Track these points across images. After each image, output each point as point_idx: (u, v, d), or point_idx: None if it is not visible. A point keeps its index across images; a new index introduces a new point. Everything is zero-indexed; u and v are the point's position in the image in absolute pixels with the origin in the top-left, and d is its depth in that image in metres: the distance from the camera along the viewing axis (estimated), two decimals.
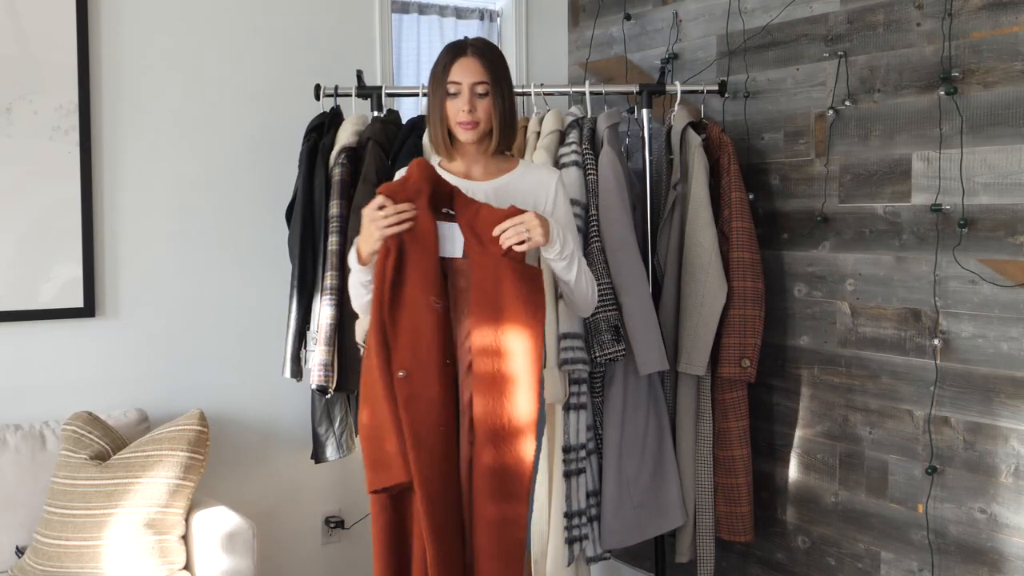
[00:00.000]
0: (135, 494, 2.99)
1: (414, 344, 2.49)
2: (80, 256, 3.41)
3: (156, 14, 3.53)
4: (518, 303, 2.49)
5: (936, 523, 3.05)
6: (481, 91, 2.59)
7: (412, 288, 2.51)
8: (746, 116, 3.57)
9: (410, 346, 2.49)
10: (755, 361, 3.34)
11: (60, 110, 3.36)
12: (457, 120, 2.60)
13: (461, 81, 2.59)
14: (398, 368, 2.48)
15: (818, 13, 3.32)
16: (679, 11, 3.82)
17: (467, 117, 2.59)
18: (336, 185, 3.29)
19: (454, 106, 2.60)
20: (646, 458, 3.42)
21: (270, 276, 3.68)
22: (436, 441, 2.49)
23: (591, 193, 3.32)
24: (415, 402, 2.48)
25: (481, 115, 2.60)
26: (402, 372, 2.48)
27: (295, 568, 3.81)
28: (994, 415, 2.89)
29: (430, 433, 2.48)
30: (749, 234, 3.36)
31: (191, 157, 3.60)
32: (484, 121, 2.61)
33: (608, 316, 3.26)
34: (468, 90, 2.59)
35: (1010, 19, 2.81)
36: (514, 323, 2.48)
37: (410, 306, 2.50)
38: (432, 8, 4.17)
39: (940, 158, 2.99)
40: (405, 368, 2.48)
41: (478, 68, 2.60)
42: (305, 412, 3.64)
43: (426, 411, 2.48)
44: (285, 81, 3.72)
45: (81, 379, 3.44)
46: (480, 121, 2.60)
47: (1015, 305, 2.83)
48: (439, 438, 2.50)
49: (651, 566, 3.89)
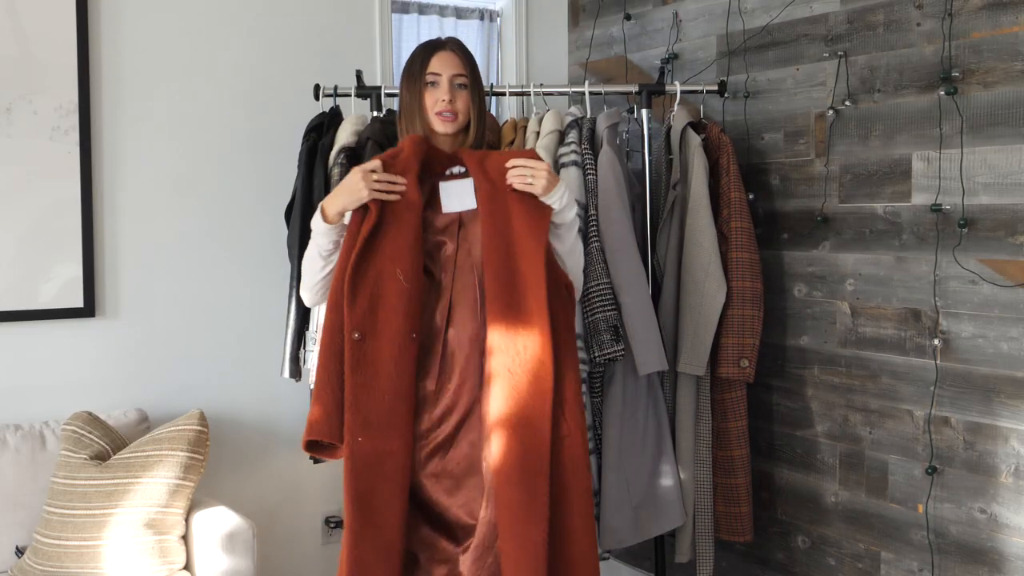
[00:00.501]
0: (135, 494, 2.99)
1: (372, 308, 2.49)
2: (80, 256, 3.41)
3: (156, 14, 3.53)
4: (527, 236, 2.52)
5: (936, 523, 3.05)
6: (460, 83, 2.62)
7: (381, 257, 2.52)
8: (746, 116, 3.57)
9: (368, 309, 2.49)
10: (754, 361, 3.34)
11: (60, 110, 3.36)
12: (436, 110, 2.61)
13: (441, 72, 2.62)
14: (353, 329, 2.48)
15: (818, 13, 3.32)
16: (679, 11, 3.82)
17: (447, 107, 2.60)
18: (336, 185, 3.29)
19: (432, 97, 2.62)
20: (645, 458, 3.42)
21: (269, 276, 3.68)
22: (378, 407, 2.48)
23: (590, 193, 3.32)
24: (364, 365, 2.48)
25: (460, 106, 2.62)
26: (357, 334, 2.48)
27: (295, 568, 3.81)
28: (994, 415, 2.89)
29: (372, 398, 2.48)
30: (748, 234, 3.36)
31: (191, 157, 3.60)
32: (463, 113, 2.63)
33: (607, 316, 3.26)
34: (448, 81, 2.61)
35: (1010, 19, 2.81)
36: (524, 254, 2.51)
37: (375, 273, 2.51)
38: (432, 8, 4.17)
39: (940, 158, 2.99)
40: (360, 331, 2.49)
41: (456, 61, 2.63)
42: (305, 412, 3.63)
43: (373, 375, 2.48)
44: (285, 81, 3.72)
45: (81, 379, 3.44)
46: (459, 112, 2.62)
47: (1015, 305, 2.83)
48: (382, 405, 2.49)
49: (651, 566, 3.89)
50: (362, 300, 2.49)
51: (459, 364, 2.55)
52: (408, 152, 2.56)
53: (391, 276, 2.50)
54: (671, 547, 3.63)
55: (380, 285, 2.50)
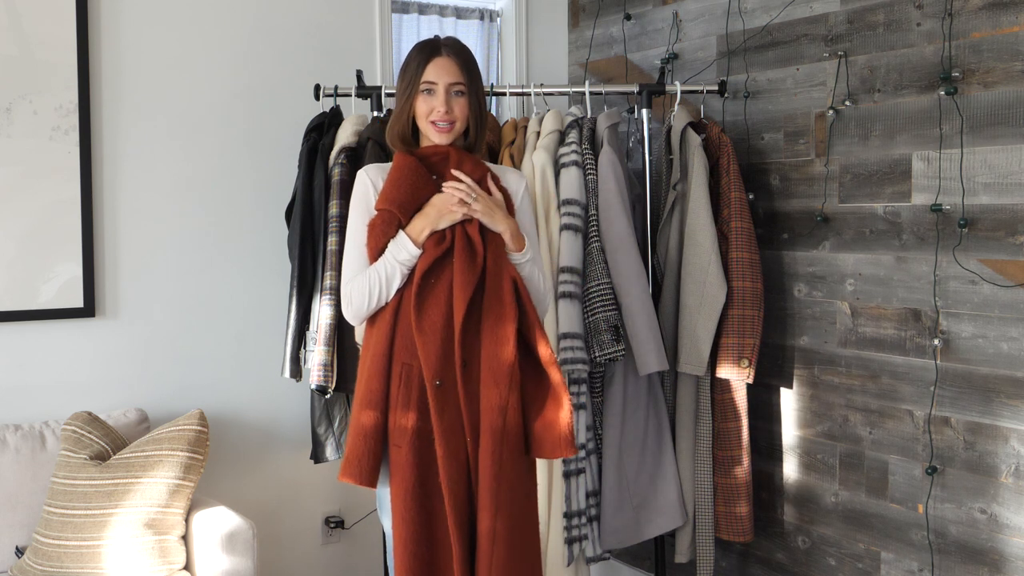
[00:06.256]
0: (135, 494, 2.99)
1: (446, 350, 2.50)
2: (80, 256, 3.41)
3: (156, 14, 3.53)
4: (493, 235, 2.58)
5: (936, 523, 3.05)
6: (458, 91, 2.58)
7: (440, 282, 2.54)
8: (746, 116, 3.57)
9: (442, 352, 2.50)
10: (754, 361, 3.34)
11: (60, 110, 3.36)
12: (431, 119, 2.57)
13: (437, 81, 2.56)
14: (433, 376, 2.48)
15: (818, 13, 3.32)
16: (679, 11, 3.82)
17: (443, 116, 2.56)
18: (336, 185, 3.29)
19: (427, 104, 2.57)
20: (646, 458, 3.42)
21: (270, 276, 3.68)
22: (459, 448, 2.50)
23: (591, 193, 3.33)
24: (447, 411, 2.49)
25: (458, 114, 2.58)
26: (438, 381, 2.48)
27: (295, 568, 3.81)
28: (994, 415, 2.89)
29: (457, 439, 2.50)
30: (748, 234, 3.36)
31: (191, 157, 3.60)
32: (460, 121, 2.59)
33: (608, 316, 3.26)
34: (444, 90, 2.56)
35: (1010, 19, 2.81)
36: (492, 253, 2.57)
37: (433, 303, 2.52)
38: (432, 8, 4.17)
39: (940, 158, 2.99)
40: (440, 376, 2.49)
41: (454, 69, 2.57)
42: (305, 412, 3.65)
43: (455, 417, 2.50)
44: (285, 81, 3.72)
45: (81, 379, 3.44)
46: (456, 120, 2.58)
47: (1015, 305, 2.83)
48: (461, 445, 2.51)
49: (651, 566, 3.89)
50: (431, 342, 2.50)
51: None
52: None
53: (446, 302, 2.54)
54: (671, 547, 3.63)
55: (435, 317, 2.54)
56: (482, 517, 2.47)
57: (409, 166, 2.58)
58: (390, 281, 2.54)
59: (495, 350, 2.49)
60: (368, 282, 2.55)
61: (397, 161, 2.61)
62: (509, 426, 2.49)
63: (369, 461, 2.51)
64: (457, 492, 2.47)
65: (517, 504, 2.51)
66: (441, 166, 2.60)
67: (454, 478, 2.47)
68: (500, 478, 2.46)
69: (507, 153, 3.45)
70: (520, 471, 2.53)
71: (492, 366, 2.49)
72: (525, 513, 2.55)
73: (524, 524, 2.54)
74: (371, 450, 2.51)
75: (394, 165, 2.62)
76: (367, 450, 2.51)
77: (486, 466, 2.47)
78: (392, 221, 2.55)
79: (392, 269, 2.54)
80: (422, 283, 2.53)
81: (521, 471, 2.54)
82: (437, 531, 2.50)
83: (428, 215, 2.54)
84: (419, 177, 2.57)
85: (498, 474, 2.46)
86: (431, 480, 2.50)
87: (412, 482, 2.48)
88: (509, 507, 2.48)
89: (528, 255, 2.62)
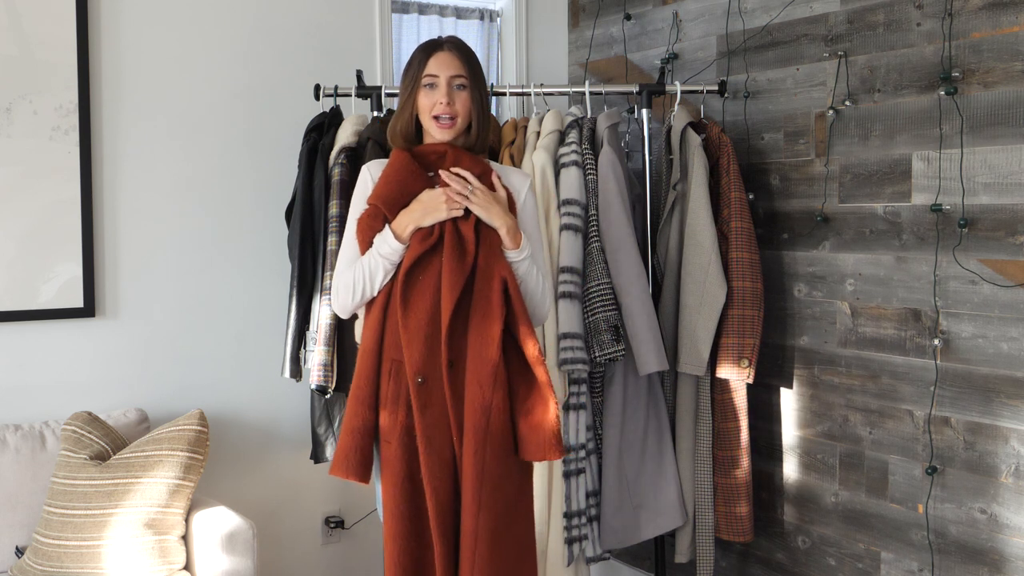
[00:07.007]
0: (135, 494, 2.99)
1: (431, 347, 2.50)
2: (80, 256, 3.41)
3: (156, 14, 3.53)
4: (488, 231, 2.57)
5: (936, 523, 3.05)
6: (459, 84, 2.57)
7: (427, 278, 2.53)
8: (746, 116, 3.57)
9: (426, 349, 2.50)
10: (754, 361, 3.34)
11: (60, 110, 3.36)
12: (434, 114, 2.56)
13: (439, 74, 2.56)
14: (415, 373, 2.48)
15: (818, 13, 3.32)
16: (679, 11, 3.82)
17: (445, 109, 2.55)
18: (336, 185, 3.29)
19: (430, 99, 2.57)
20: (646, 458, 3.42)
21: (270, 276, 3.68)
22: (444, 446, 2.50)
23: (591, 193, 3.33)
24: (430, 408, 2.50)
25: (459, 108, 2.57)
26: (420, 378, 2.48)
27: (295, 568, 3.81)
28: (994, 415, 2.89)
29: (441, 437, 2.50)
30: (748, 234, 3.36)
31: (191, 157, 3.60)
32: (463, 116, 2.58)
33: (608, 316, 3.26)
34: (446, 83, 2.56)
35: (1010, 19, 2.81)
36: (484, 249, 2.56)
37: (419, 300, 2.52)
38: (432, 8, 4.17)
39: (940, 158, 2.99)
40: (423, 374, 2.49)
41: (456, 62, 2.57)
42: (305, 412, 3.64)
43: (440, 415, 2.50)
44: (285, 81, 3.72)
45: (81, 379, 3.44)
46: (458, 115, 2.57)
47: (1015, 305, 2.83)
48: (446, 443, 2.51)
49: (651, 566, 3.89)
50: (416, 339, 2.50)
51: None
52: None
53: (432, 299, 2.54)
54: (671, 547, 3.63)
55: (423, 314, 2.54)
56: (465, 516, 2.48)
57: (401, 162, 2.59)
58: (373, 275, 2.55)
59: (480, 350, 2.50)
60: (353, 275, 2.57)
61: (392, 157, 2.62)
62: (493, 426, 2.49)
63: (357, 456, 2.53)
64: (439, 489, 2.48)
65: (502, 503, 2.50)
66: (438, 164, 2.60)
67: (437, 475, 2.48)
68: (483, 478, 2.47)
69: (507, 153, 3.45)
70: (507, 471, 2.52)
71: (476, 366, 2.49)
72: (513, 512, 2.54)
73: (512, 523, 2.53)
74: (359, 445, 2.53)
75: (389, 161, 2.63)
76: (356, 445, 2.53)
77: (469, 465, 2.47)
78: (378, 216, 2.57)
79: (375, 263, 2.55)
80: (407, 279, 2.52)
81: (509, 471, 2.53)
82: (426, 527, 2.51)
83: (413, 211, 2.55)
84: (410, 173, 2.58)
85: (480, 474, 2.47)
86: (419, 476, 2.51)
87: (401, 477, 2.50)
88: (492, 507, 2.48)
89: (525, 253, 2.60)
